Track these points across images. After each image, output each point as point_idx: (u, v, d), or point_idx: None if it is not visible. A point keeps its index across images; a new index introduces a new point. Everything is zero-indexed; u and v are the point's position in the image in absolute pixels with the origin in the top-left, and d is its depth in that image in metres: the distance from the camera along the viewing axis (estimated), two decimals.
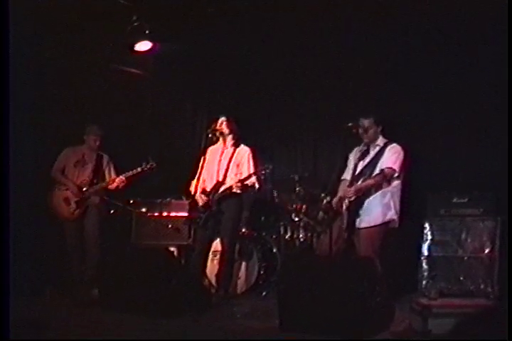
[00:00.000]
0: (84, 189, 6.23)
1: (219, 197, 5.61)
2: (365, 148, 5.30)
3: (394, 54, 6.13)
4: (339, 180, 5.45)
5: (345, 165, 5.47)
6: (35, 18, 5.78)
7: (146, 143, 7.34)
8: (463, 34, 5.69)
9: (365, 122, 5.24)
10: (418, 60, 5.97)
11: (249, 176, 5.54)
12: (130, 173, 6.23)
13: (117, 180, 6.25)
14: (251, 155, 5.73)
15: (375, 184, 5.05)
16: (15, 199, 4.30)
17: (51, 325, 4.25)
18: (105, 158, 6.44)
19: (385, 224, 5.10)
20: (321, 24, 6.19)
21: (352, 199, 5.02)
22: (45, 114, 6.42)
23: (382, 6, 5.73)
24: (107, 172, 6.43)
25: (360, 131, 5.23)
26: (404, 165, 5.17)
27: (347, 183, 5.26)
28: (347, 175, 5.36)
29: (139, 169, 6.19)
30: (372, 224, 5.05)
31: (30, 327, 3.93)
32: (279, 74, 6.94)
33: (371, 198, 5.09)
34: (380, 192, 5.09)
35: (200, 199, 5.64)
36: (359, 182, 5.10)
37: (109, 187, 6.31)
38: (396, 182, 5.16)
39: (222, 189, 5.64)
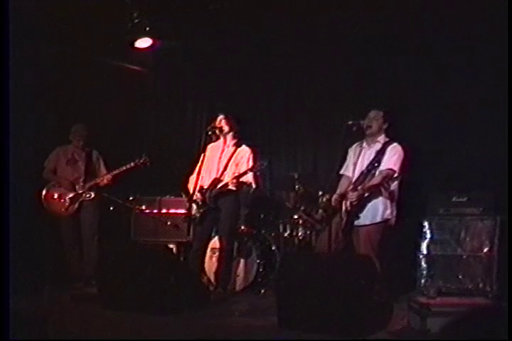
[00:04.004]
0: (77, 186, 6.25)
1: (215, 194, 5.60)
2: (365, 145, 5.30)
3: (394, 54, 6.13)
4: (338, 175, 5.45)
5: (344, 160, 5.46)
6: (35, 14, 5.77)
7: (146, 141, 7.34)
8: (463, 34, 5.69)
9: (373, 113, 5.23)
10: (418, 59, 5.97)
11: (245, 173, 5.51)
12: (123, 168, 6.23)
13: (107, 176, 6.26)
14: (251, 155, 5.69)
15: (377, 187, 5.05)
16: (14, 198, 4.30)
17: (50, 322, 4.24)
18: (94, 154, 6.47)
19: (384, 223, 5.10)
20: (322, 23, 6.18)
21: (355, 203, 5.03)
22: (45, 111, 6.42)
23: (382, 6, 5.72)
24: (97, 167, 6.45)
25: (365, 123, 5.20)
26: (405, 165, 5.17)
27: (346, 180, 5.28)
28: (346, 172, 5.36)
29: (132, 164, 6.20)
30: (371, 222, 5.06)
31: (29, 325, 3.93)
32: (280, 71, 6.94)
33: (370, 197, 5.09)
34: (378, 191, 5.10)
35: (197, 196, 5.65)
36: (360, 186, 5.07)
37: (101, 183, 6.30)
38: (395, 182, 5.16)
39: (218, 186, 5.63)
